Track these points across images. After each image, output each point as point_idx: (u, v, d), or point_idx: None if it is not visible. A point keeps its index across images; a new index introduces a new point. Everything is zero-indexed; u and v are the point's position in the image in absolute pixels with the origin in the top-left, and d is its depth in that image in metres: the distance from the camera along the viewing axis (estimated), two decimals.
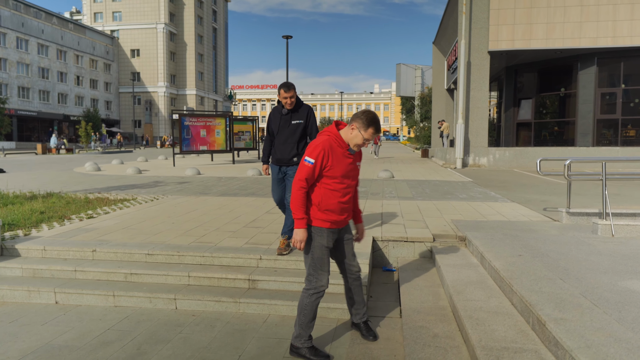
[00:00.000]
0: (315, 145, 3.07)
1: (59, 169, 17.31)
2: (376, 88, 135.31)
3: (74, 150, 35.89)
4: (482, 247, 4.65)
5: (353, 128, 3.12)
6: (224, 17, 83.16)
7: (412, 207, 7.71)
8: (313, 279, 3.18)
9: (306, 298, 3.19)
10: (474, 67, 17.81)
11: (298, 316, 3.21)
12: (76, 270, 4.66)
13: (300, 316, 3.19)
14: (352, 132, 3.12)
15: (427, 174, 14.93)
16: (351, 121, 3.16)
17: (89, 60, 61.57)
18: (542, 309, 2.84)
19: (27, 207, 7.29)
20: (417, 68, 57.81)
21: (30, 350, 3.37)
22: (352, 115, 3.30)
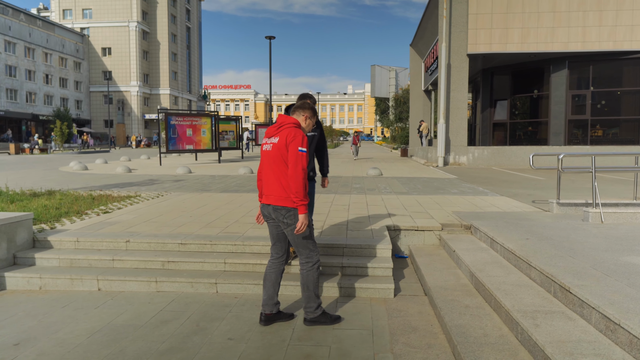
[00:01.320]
0: (301, 136, 3.36)
1: (43, 169, 17.06)
2: (349, 89, 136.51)
3: (48, 151, 35.01)
4: (491, 233, 5.12)
5: (307, 117, 3.59)
6: (198, 16, 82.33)
7: (412, 201, 8.17)
8: (313, 254, 3.56)
9: (312, 273, 3.54)
10: (453, 69, 18.53)
11: (307, 291, 3.55)
12: (114, 259, 4.88)
13: (309, 290, 3.55)
14: (306, 121, 3.61)
15: (413, 171, 15.50)
16: (302, 111, 3.56)
17: (58, 58, 59.91)
18: (564, 278, 3.31)
19: (38, 203, 7.37)
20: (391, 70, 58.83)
21: (96, 329, 3.61)
22: (297, 106, 3.63)
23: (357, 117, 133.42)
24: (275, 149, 3.38)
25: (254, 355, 3.13)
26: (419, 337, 3.41)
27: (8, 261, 4.92)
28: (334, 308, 4.03)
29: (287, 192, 3.35)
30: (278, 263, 3.65)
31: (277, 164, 3.37)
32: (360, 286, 4.36)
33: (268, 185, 3.44)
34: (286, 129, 3.40)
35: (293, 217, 3.41)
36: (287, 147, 3.33)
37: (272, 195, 3.42)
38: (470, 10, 18.16)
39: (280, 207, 3.39)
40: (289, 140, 3.33)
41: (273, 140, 3.41)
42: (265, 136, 3.52)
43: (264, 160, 3.48)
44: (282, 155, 3.35)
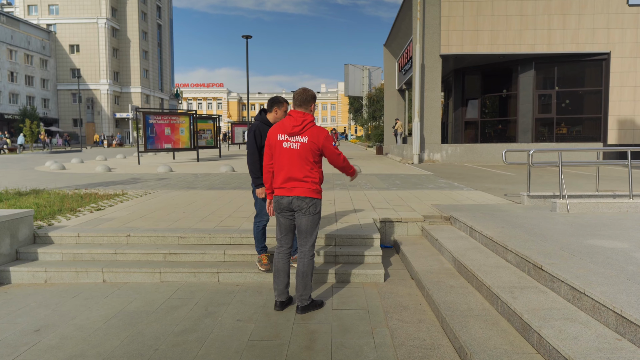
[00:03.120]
0: (328, 133, 3.79)
1: (19, 169, 16.77)
2: (323, 87, 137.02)
3: (18, 150, 34.08)
4: (470, 222, 5.57)
5: (314, 108, 3.94)
6: (169, 14, 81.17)
7: (393, 196, 8.60)
8: (314, 245, 3.90)
9: (312, 263, 3.86)
10: (427, 69, 19.15)
11: (303, 280, 3.82)
12: (116, 252, 5.09)
13: (306, 279, 3.83)
14: (314, 111, 3.97)
15: (390, 168, 16.00)
16: (307, 106, 3.82)
17: (23, 55, 58.15)
18: (537, 258, 3.75)
19: (27, 202, 7.44)
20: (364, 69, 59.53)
21: (111, 315, 3.86)
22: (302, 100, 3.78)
23: (331, 115, 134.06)
24: (304, 148, 3.68)
25: (264, 333, 3.45)
26: (410, 314, 3.80)
27: (11, 256, 5.07)
28: (330, 292, 4.38)
29: (313, 185, 3.74)
30: (287, 253, 3.93)
31: (306, 161, 3.70)
32: (352, 272, 4.72)
33: (292, 179, 3.71)
34: (311, 128, 3.74)
35: (315, 206, 3.76)
36: (323, 150, 3.73)
37: (297, 187, 3.70)
38: (443, 13, 18.81)
39: (306, 197, 3.70)
40: (320, 140, 3.70)
41: (300, 139, 3.69)
42: (283, 132, 3.73)
43: (286, 156, 3.70)
44: (312, 153, 3.70)
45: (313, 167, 3.73)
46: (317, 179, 3.76)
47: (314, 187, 3.73)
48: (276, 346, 3.23)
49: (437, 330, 3.44)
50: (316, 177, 3.75)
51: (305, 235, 3.82)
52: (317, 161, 3.77)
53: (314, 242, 3.86)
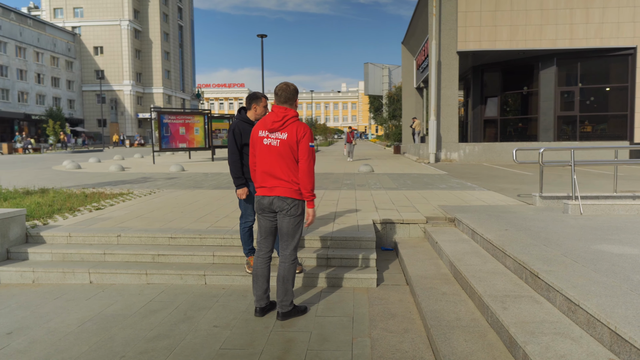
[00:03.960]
0: (310, 131, 3.53)
1: (37, 168, 17.09)
2: (343, 87, 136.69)
3: (41, 150, 34.91)
4: (472, 225, 5.29)
5: (297, 104, 3.68)
6: (190, 15, 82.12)
7: (400, 196, 8.33)
8: (297, 249, 3.68)
9: (293, 267, 3.64)
10: (444, 66, 18.71)
11: (284, 285, 3.60)
12: (105, 253, 5.01)
13: (287, 284, 3.62)
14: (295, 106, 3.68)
15: (404, 168, 15.68)
16: (292, 102, 3.57)
17: (50, 57, 59.64)
18: (534, 264, 3.47)
19: (31, 200, 7.46)
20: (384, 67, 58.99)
21: (87, 318, 3.75)
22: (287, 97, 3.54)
23: (352, 114, 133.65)
24: (283, 145, 3.44)
25: (237, 341, 3.28)
26: (397, 322, 3.57)
27: (2, 256, 5.04)
28: (318, 298, 4.18)
29: (296, 185, 3.48)
30: (267, 257, 3.73)
31: (286, 158, 3.45)
32: (344, 276, 4.51)
33: (272, 178, 3.49)
34: (292, 123, 3.48)
35: (297, 208, 3.54)
36: (298, 144, 3.45)
37: (277, 187, 3.48)
38: (460, 8, 18.35)
39: (287, 198, 3.49)
40: (299, 136, 3.44)
41: (279, 136, 3.46)
42: (264, 128, 3.54)
43: (266, 154, 3.50)
44: (292, 151, 3.45)
45: (295, 165, 3.53)
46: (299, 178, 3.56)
47: (296, 187, 3.53)
48: (247, 355, 3.05)
49: (422, 342, 3.21)
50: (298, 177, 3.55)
51: (287, 239, 3.62)
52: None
53: (296, 246, 3.66)
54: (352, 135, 20.28)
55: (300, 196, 3.55)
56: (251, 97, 4.37)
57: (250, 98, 4.37)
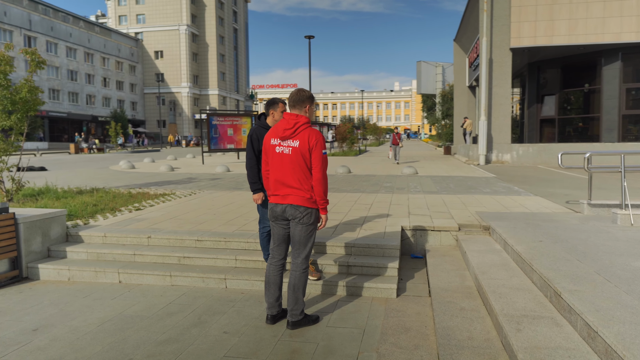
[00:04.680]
0: (322, 138, 3.46)
1: (96, 167, 18.16)
2: (396, 86, 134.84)
3: (104, 150, 37.12)
4: (505, 234, 5.00)
5: (308, 108, 3.57)
6: (244, 18, 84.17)
7: (437, 200, 8.06)
8: (309, 258, 3.62)
9: (305, 276, 3.58)
10: (495, 64, 17.93)
11: (295, 294, 3.55)
12: (135, 254, 5.19)
13: (298, 293, 3.56)
14: (308, 112, 3.59)
15: (451, 170, 15.19)
16: (302, 104, 3.50)
17: (114, 62, 63.25)
18: (560, 282, 3.21)
19: (79, 200, 7.90)
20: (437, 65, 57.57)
21: (107, 318, 3.89)
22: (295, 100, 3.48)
23: (404, 114, 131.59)
24: (296, 153, 3.41)
25: (243, 349, 3.27)
26: (409, 337, 3.42)
27: (43, 254, 5.36)
28: (334, 307, 4.10)
29: (308, 193, 3.45)
30: (280, 265, 3.70)
31: (298, 167, 3.41)
32: (363, 285, 4.40)
33: (285, 186, 3.47)
34: (303, 130, 3.43)
35: (310, 216, 3.50)
36: (311, 152, 3.40)
37: (290, 195, 3.46)
38: (513, 3, 17.50)
39: (300, 206, 3.45)
40: (311, 144, 3.39)
41: (291, 144, 3.43)
42: (276, 136, 3.51)
43: (279, 162, 3.48)
44: (304, 159, 3.41)
45: (307, 173, 3.48)
46: (312, 186, 3.50)
47: (309, 196, 3.47)
48: None
49: None
50: (311, 184, 3.50)
51: (299, 247, 3.58)
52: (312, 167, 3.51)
53: (307, 255, 3.61)
54: (398, 136, 19.13)
55: (314, 204, 3.50)
56: (269, 102, 4.37)
57: (269, 104, 4.37)
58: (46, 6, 52.73)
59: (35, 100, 8.45)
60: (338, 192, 9.46)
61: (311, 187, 3.48)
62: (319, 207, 3.53)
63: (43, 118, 49.76)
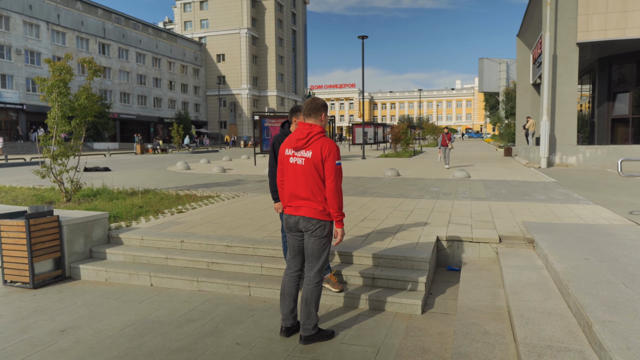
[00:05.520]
0: (336, 148, 3.35)
1: (154, 168, 19.07)
2: (458, 84, 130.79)
3: (167, 150, 38.99)
4: (547, 250, 4.61)
5: (324, 116, 3.46)
6: (303, 19, 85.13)
7: (483, 208, 7.64)
8: (323, 271, 3.51)
9: (318, 290, 3.49)
10: (560, 60, 16.80)
11: (307, 308, 3.46)
12: (167, 257, 5.33)
13: (310, 307, 3.46)
14: (323, 120, 3.47)
15: (507, 173, 14.41)
16: (317, 113, 3.40)
17: (180, 66, 66.26)
18: (593, 311, 2.88)
19: (129, 202, 8.28)
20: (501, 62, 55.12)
21: (130, 322, 4.00)
22: (310, 109, 3.40)
23: (466, 113, 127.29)
24: (309, 164, 3.34)
25: None
26: None
27: (85, 254, 5.64)
28: (353, 321, 3.96)
29: (321, 205, 3.37)
30: (296, 276, 3.63)
31: (311, 178, 3.35)
32: (386, 300, 4.22)
33: (298, 197, 3.41)
34: (317, 140, 3.36)
35: (323, 229, 3.42)
36: (324, 162, 3.32)
37: (303, 207, 3.40)
38: None
39: (312, 218, 3.39)
40: (324, 154, 3.31)
41: (304, 154, 3.37)
42: (290, 146, 3.46)
43: (292, 173, 3.43)
44: (317, 170, 3.33)
45: (321, 184, 3.38)
46: (325, 197, 3.40)
47: (322, 208, 3.38)
48: None
49: None
50: (325, 196, 3.40)
51: (312, 260, 3.49)
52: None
53: (321, 268, 3.50)
54: (448, 137, 17.47)
55: (327, 217, 3.41)
56: (292, 110, 4.31)
57: (292, 111, 4.31)
58: (119, 15, 56.23)
59: (92, 107, 8.97)
60: (380, 196, 9.24)
61: (325, 199, 3.38)
62: (333, 220, 3.41)
63: (115, 120, 53.15)
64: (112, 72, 54.30)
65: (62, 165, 8.68)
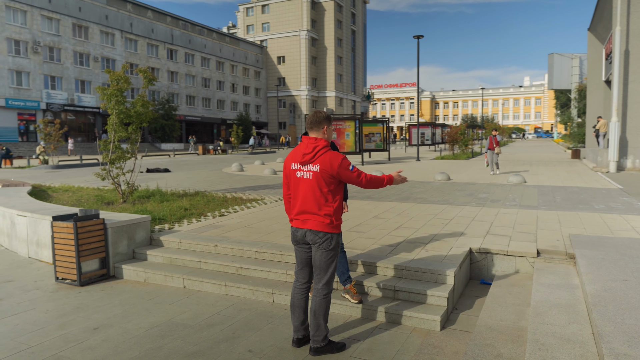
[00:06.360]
0: (342, 158, 3.45)
1: (211, 169, 19.87)
2: (526, 81, 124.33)
3: (227, 151, 40.47)
4: (584, 267, 4.31)
5: (326, 128, 3.54)
6: (363, 19, 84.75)
7: (530, 218, 7.26)
8: (331, 282, 3.54)
9: (326, 301, 3.52)
10: (633, 56, 15.54)
11: (316, 319, 3.50)
12: (200, 261, 5.57)
13: (319, 319, 3.50)
14: (327, 132, 3.57)
15: (569, 179, 13.56)
16: (319, 125, 3.51)
17: (242, 69, 68.40)
18: (610, 341, 2.67)
19: (177, 204, 8.71)
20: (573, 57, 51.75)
21: (157, 323, 4.23)
22: (312, 122, 3.53)
23: (535, 111, 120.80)
24: (317, 178, 3.40)
25: None
26: None
27: (128, 255, 6.03)
28: (368, 334, 3.94)
29: (328, 218, 3.45)
30: (305, 288, 3.68)
31: (318, 191, 3.41)
32: (406, 314, 4.15)
33: (305, 211, 3.47)
34: (323, 154, 3.42)
35: (330, 242, 3.48)
36: (339, 176, 3.43)
37: (310, 220, 3.46)
38: None
39: (319, 231, 3.45)
40: (334, 168, 3.38)
41: (312, 168, 3.43)
42: (295, 160, 3.53)
43: (299, 186, 3.49)
44: (326, 183, 3.40)
45: (328, 197, 3.42)
46: (332, 210, 3.44)
47: (328, 220, 3.42)
48: None
49: None
50: (331, 209, 3.43)
51: (319, 272, 3.52)
52: (333, 190, 3.44)
53: (329, 280, 3.53)
54: (495, 141, 15.52)
55: (333, 229, 3.47)
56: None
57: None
58: (186, 22, 59.03)
59: (147, 113, 9.53)
60: (423, 203, 9.04)
61: (331, 212, 3.43)
62: (386, 185, 3.72)
63: (181, 122, 55.90)
64: (179, 76, 57.12)
65: (119, 169, 9.29)
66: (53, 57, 43.29)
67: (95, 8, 46.60)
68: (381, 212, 8.03)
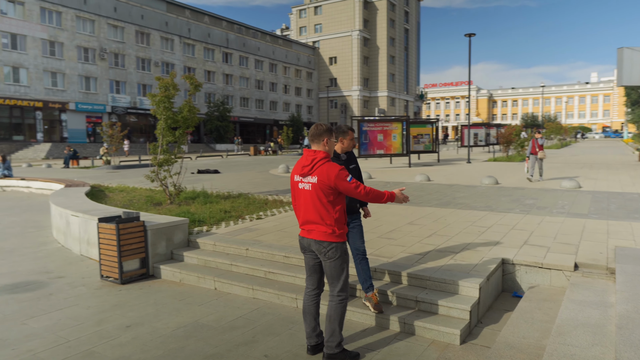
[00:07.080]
0: (339, 169, 3.46)
1: (258, 171, 20.35)
2: (593, 77, 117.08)
3: (277, 152, 41.24)
4: (621, 285, 4.06)
5: (327, 140, 3.59)
6: (416, 17, 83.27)
7: (576, 227, 6.89)
8: (345, 289, 3.59)
9: (341, 307, 3.58)
10: None
11: (331, 324, 3.56)
12: (232, 264, 5.76)
13: (335, 323, 3.55)
14: (327, 144, 3.61)
15: (630, 184, 12.68)
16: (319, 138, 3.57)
17: (294, 70, 69.39)
18: None
19: (218, 206, 9.02)
20: None
21: (184, 324, 4.45)
22: (314, 134, 3.58)
23: (603, 109, 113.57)
24: (315, 189, 3.48)
25: None
26: None
27: (167, 256, 6.34)
28: (384, 344, 3.93)
29: (330, 228, 3.51)
30: (314, 295, 3.76)
31: (319, 202, 3.48)
32: (425, 325, 4.09)
33: (309, 221, 3.57)
34: (321, 166, 3.48)
35: (335, 251, 3.53)
36: (336, 187, 3.46)
37: (314, 231, 3.55)
38: None
39: (323, 241, 3.53)
40: (331, 181, 3.43)
41: (311, 180, 3.50)
42: (296, 172, 3.62)
43: (302, 198, 3.59)
44: (324, 194, 3.47)
45: (328, 208, 3.49)
46: (334, 220, 3.49)
47: (331, 230, 3.49)
48: None
49: None
50: (333, 219, 3.49)
51: (332, 280, 3.60)
52: (332, 201, 3.48)
53: (343, 287, 3.59)
54: (537, 144, 13.68)
55: (337, 238, 3.52)
56: (337, 130, 4.39)
57: (337, 131, 4.40)
58: (240, 25, 60.73)
59: (193, 118, 9.96)
60: (463, 208, 8.81)
61: (333, 222, 3.50)
62: (387, 202, 3.73)
63: (235, 123, 57.59)
64: (233, 78, 58.88)
65: (166, 172, 9.77)
66: (118, 63, 46.09)
67: (156, 15, 49.06)
68: (417, 218, 7.92)
